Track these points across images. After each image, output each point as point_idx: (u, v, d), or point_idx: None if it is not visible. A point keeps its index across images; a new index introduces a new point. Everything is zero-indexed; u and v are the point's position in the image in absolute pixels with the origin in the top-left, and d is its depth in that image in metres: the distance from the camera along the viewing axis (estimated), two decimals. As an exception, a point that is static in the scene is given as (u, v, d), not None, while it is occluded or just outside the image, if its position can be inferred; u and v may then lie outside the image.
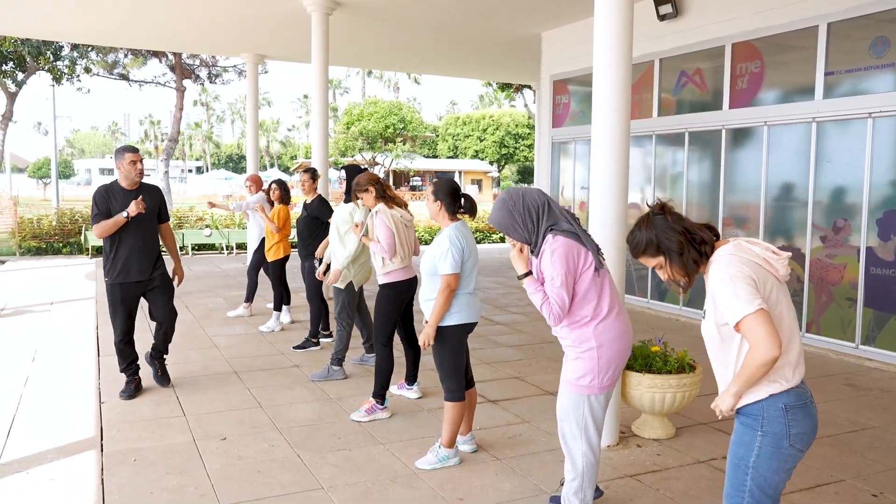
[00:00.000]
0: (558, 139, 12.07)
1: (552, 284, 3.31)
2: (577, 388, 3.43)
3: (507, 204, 3.44)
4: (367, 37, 12.62)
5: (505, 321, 9.17)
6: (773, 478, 2.51)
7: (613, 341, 3.41)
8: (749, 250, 2.52)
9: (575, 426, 3.46)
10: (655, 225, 2.64)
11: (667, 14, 9.36)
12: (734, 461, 2.58)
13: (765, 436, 2.49)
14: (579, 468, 3.49)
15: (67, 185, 64.53)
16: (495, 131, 55.56)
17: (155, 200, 5.71)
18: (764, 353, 2.36)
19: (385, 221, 5.30)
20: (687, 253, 2.58)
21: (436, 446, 4.47)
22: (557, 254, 3.31)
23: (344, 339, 6.33)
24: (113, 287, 5.61)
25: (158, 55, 24.94)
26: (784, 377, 2.48)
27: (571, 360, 3.45)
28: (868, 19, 7.21)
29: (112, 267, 5.58)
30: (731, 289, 2.42)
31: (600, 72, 4.69)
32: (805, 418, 2.50)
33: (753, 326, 2.37)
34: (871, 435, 5.13)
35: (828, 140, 7.66)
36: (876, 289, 7.21)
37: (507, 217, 3.43)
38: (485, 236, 20.68)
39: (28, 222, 16.82)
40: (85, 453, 4.62)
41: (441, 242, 4.29)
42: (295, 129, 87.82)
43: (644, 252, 2.68)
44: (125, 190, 5.58)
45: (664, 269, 2.66)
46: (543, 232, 3.39)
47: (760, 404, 2.50)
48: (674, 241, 2.60)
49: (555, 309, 3.30)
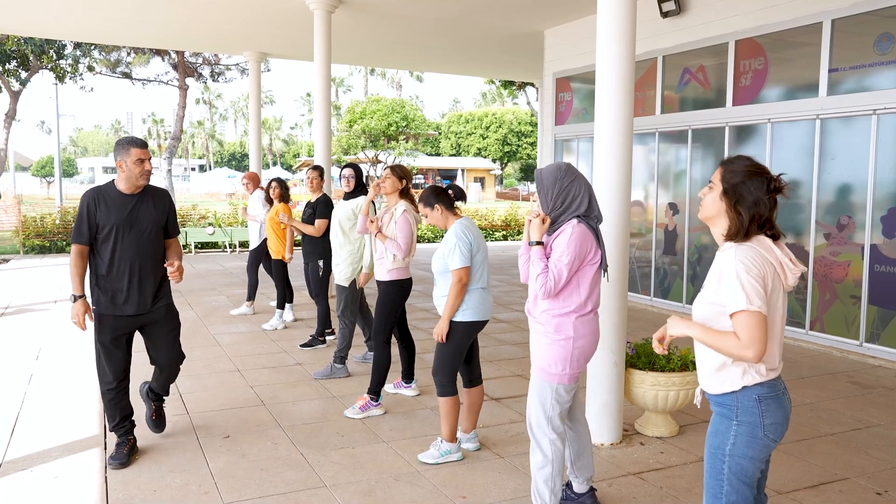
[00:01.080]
0: (561, 136, 12.05)
1: (559, 260, 3.39)
2: (548, 377, 3.49)
3: (559, 173, 3.49)
4: (370, 34, 12.61)
5: (508, 319, 9.17)
6: (748, 466, 2.56)
7: (588, 336, 3.52)
8: (771, 250, 2.55)
9: (542, 414, 3.52)
10: (755, 183, 2.57)
11: (670, 11, 9.33)
12: (711, 451, 2.64)
13: (740, 425, 2.55)
14: (549, 455, 3.52)
15: (71, 184, 64.56)
16: (498, 129, 55.55)
17: (162, 209, 4.41)
18: (742, 351, 2.42)
19: (410, 221, 5.32)
20: (743, 215, 2.53)
21: (438, 441, 4.49)
22: (575, 236, 3.40)
23: (347, 337, 6.33)
24: (101, 319, 4.29)
25: (161, 53, 24.96)
26: (759, 372, 2.54)
27: (545, 347, 3.51)
28: (872, 16, 7.19)
29: (99, 292, 4.29)
30: (743, 278, 2.44)
31: (603, 69, 4.68)
32: (778, 409, 2.56)
33: (747, 325, 2.41)
34: (875, 433, 5.11)
35: (832, 137, 7.64)
36: (880, 286, 7.19)
37: (551, 183, 3.48)
38: (488, 234, 20.67)
39: (32, 221, 16.86)
40: (88, 451, 4.63)
41: (448, 240, 4.32)
42: (297, 128, 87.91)
43: (728, 175, 2.58)
44: (122, 195, 4.26)
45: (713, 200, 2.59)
46: (568, 216, 3.46)
47: (735, 395, 2.56)
48: (753, 199, 2.54)
49: (549, 283, 3.38)
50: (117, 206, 4.23)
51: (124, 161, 4.23)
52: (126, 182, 4.26)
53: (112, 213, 4.21)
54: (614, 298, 4.72)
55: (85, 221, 4.20)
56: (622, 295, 4.78)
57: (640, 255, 10.34)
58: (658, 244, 10.06)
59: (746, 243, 2.53)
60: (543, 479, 3.53)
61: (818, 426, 5.22)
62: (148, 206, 4.32)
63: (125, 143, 4.27)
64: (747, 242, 2.53)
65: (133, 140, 4.29)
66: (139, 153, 4.23)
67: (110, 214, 4.20)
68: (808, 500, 4.01)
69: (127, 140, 4.29)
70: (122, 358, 4.38)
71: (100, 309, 4.27)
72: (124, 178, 4.26)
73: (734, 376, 2.55)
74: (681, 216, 9.68)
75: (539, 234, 3.46)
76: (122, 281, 4.26)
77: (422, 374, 6.15)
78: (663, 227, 9.99)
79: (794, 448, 4.74)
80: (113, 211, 4.21)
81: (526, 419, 3.61)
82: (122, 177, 4.27)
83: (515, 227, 21.23)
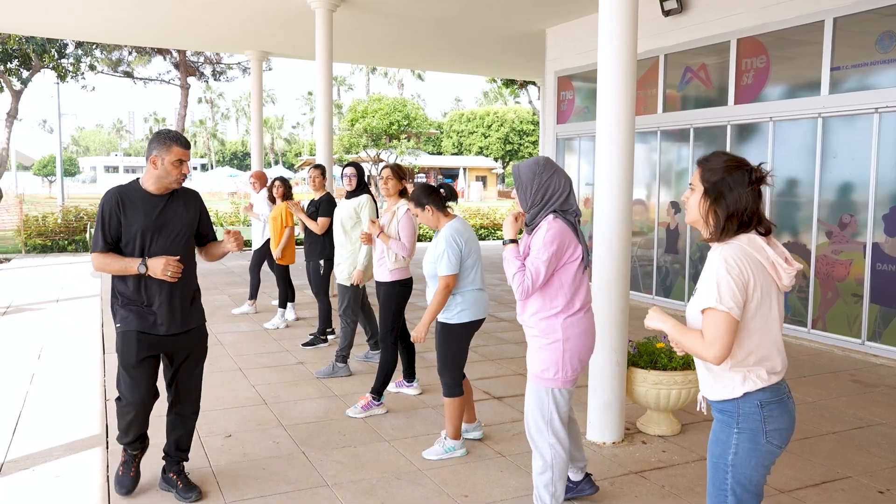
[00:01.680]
0: (563, 135, 12.04)
1: (537, 257, 3.30)
2: (543, 381, 3.45)
3: (537, 167, 3.41)
4: (371, 33, 12.61)
5: (509, 318, 9.17)
6: (752, 474, 2.48)
7: (579, 336, 3.44)
8: (762, 249, 2.45)
9: (541, 419, 3.47)
10: (735, 178, 2.45)
11: (671, 9, 9.32)
12: (713, 460, 2.55)
13: (741, 433, 2.46)
14: (548, 460, 3.48)
15: (72, 183, 64.70)
16: (500, 128, 55.53)
17: (194, 211, 3.86)
18: (704, 350, 2.38)
19: (413, 220, 5.32)
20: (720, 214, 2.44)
21: (442, 438, 4.50)
22: (552, 233, 3.32)
23: (348, 336, 6.33)
24: (126, 337, 3.69)
25: (163, 53, 24.99)
26: (760, 377, 2.45)
27: (536, 351, 3.46)
28: (874, 14, 7.18)
29: (124, 308, 3.73)
30: (720, 277, 2.37)
31: (605, 67, 4.68)
32: (781, 414, 2.46)
33: (712, 323, 2.36)
34: (877, 431, 5.11)
35: (834, 135, 7.63)
36: (882, 285, 7.19)
37: (529, 178, 3.40)
38: (489, 233, 20.67)
39: (33, 220, 16.87)
40: (90, 450, 4.63)
41: (438, 244, 4.31)
42: (299, 126, 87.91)
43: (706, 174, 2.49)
44: (149, 195, 3.69)
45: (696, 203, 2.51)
46: (545, 213, 3.39)
47: (736, 402, 2.47)
48: (735, 195, 2.43)
49: (526, 282, 3.30)
50: (144, 208, 3.64)
51: (161, 158, 3.62)
52: (156, 182, 3.67)
53: (138, 215, 3.62)
54: (616, 297, 4.72)
55: (106, 226, 3.63)
56: (624, 294, 4.77)
57: (642, 254, 10.34)
58: (660, 243, 10.06)
59: (734, 242, 2.44)
60: (544, 483, 3.51)
61: (820, 425, 5.21)
62: (179, 208, 3.75)
63: (168, 137, 3.65)
64: (735, 241, 2.44)
65: (177, 137, 3.68)
66: (181, 153, 3.65)
67: (136, 217, 3.62)
68: (811, 498, 4.00)
69: (170, 135, 3.67)
70: (149, 381, 3.75)
71: (125, 326, 3.69)
72: (155, 177, 3.66)
73: (734, 382, 2.46)
74: (682, 215, 9.67)
75: (513, 233, 3.39)
76: (151, 294, 3.68)
77: (423, 373, 6.15)
78: (665, 226, 9.99)
79: (796, 447, 4.73)
80: (139, 213, 3.63)
81: (524, 424, 3.58)
82: (151, 174, 3.66)
83: (517, 225, 21.23)
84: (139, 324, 3.67)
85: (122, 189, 3.71)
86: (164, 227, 3.69)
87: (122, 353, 3.70)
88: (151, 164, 3.63)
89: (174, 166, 3.64)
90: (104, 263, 3.64)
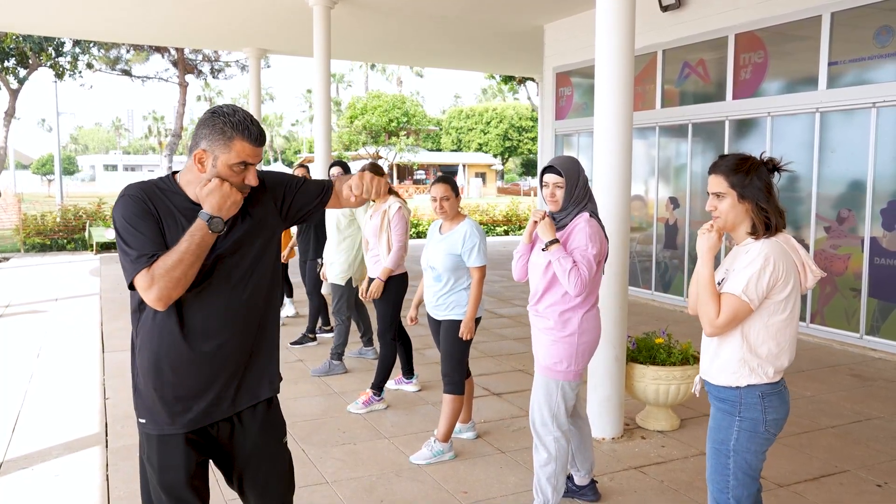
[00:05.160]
0: (561, 131, 12.04)
1: (587, 252, 3.35)
2: (554, 374, 3.47)
3: (579, 165, 3.52)
4: (370, 30, 12.59)
5: (509, 314, 9.17)
6: (752, 460, 2.62)
7: (592, 331, 3.51)
8: (796, 250, 2.61)
9: (547, 412, 3.49)
10: (760, 173, 2.59)
11: (669, 5, 9.31)
12: (714, 446, 2.68)
13: (742, 421, 2.60)
14: (553, 453, 3.50)
15: (71, 182, 64.60)
16: (499, 124, 55.46)
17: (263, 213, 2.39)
18: (711, 319, 2.54)
19: (406, 217, 5.33)
20: (769, 210, 2.57)
21: (430, 441, 4.47)
22: (596, 234, 3.41)
23: (343, 333, 6.33)
24: (149, 441, 2.34)
25: (161, 50, 24.95)
26: (767, 374, 2.58)
27: (549, 344, 3.48)
28: (872, 8, 7.17)
29: (154, 390, 2.28)
30: (757, 268, 2.49)
31: (603, 63, 4.67)
32: (780, 404, 2.61)
33: (730, 307, 2.52)
34: (875, 425, 5.12)
35: (832, 130, 7.63)
36: (880, 279, 7.19)
37: (574, 172, 3.47)
38: (489, 229, 20.68)
39: (32, 219, 16.85)
40: (90, 449, 4.64)
41: (466, 237, 4.31)
42: (298, 124, 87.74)
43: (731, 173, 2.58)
44: (193, 205, 2.23)
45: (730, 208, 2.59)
46: (581, 210, 3.46)
47: (739, 391, 2.60)
48: (767, 187, 2.58)
49: (584, 274, 3.32)
50: (188, 223, 2.18)
51: (213, 156, 2.19)
52: None
53: (182, 233, 2.16)
54: (615, 293, 4.72)
55: (145, 235, 2.16)
56: (623, 289, 4.78)
57: (641, 250, 10.34)
58: (659, 238, 10.06)
59: (774, 240, 2.56)
60: (546, 476, 3.52)
61: (819, 419, 5.22)
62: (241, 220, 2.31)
63: (230, 124, 2.18)
64: (775, 239, 2.57)
65: (245, 125, 2.19)
66: (248, 151, 2.21)
67: (175, 235, 2.18)
68: (809, 492, 4.01)
69: (234, 120, 2.18)
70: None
71: (157, 427, 2.31)
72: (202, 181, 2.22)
73: (742, 372, 2.57)
74: (681, 210, 9.67)
75: (553, 233, 3.41)
76: (203, 361, 2.27)
77: (422, 370, 6.16)
78: (664, 222, 9.99)
79: (795, 441, 4.74)
80: (183, 229, 2.18)
81: (529, 417, 3.59)
82: (194, 175, 2.24)
83: (516, 222, 21.22)
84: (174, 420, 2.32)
85: (153, 187, 2.26)
86: (228, 254, 2.28)
87: (158, 473, 2.38)
88: (197, 162, 2.20)
89: (233, 171, 2.20)
90: (168, 264, 2.11)
